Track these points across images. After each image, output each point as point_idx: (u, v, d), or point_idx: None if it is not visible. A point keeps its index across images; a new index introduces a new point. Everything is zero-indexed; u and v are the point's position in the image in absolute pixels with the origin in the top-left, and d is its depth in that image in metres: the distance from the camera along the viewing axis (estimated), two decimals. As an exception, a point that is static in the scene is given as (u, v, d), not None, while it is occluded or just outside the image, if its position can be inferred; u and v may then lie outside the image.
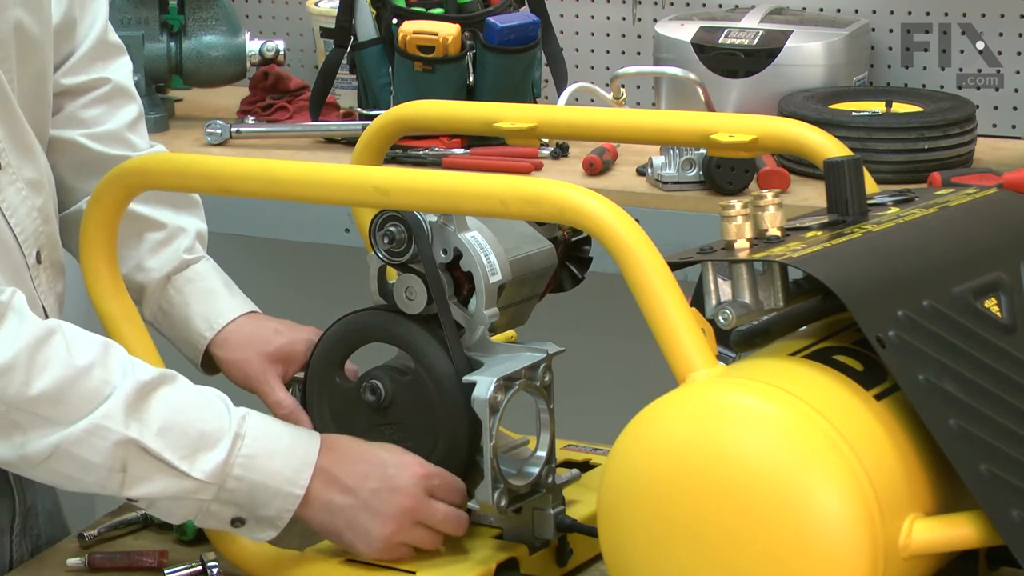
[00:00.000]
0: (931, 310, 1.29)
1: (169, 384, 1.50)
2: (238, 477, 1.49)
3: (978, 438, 1.24)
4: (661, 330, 1.28)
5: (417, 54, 2.75)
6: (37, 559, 1.67)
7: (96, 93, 1.76)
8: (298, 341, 1.67)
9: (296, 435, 1.53)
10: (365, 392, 1.56)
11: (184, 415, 1.49)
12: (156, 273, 1.73)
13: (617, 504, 1.26)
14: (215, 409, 1.51)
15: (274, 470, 1.50)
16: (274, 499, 1.50)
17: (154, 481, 1.48)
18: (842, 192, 1.41)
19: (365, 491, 1.51)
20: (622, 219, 1.31)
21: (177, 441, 1.48)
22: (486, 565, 1.51)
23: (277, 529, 1.52)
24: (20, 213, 1.61)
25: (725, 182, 2.50)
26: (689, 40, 2.85)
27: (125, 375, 1.48)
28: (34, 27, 1.62)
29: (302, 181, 1.49)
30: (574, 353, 1.65)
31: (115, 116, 1.76)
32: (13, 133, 1.60)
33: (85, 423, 1.46)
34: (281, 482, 1.50)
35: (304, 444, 1.52)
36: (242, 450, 1.49)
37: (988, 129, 2.89)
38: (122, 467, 1.47)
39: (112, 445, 1.46)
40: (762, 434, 1.21)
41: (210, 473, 1.48)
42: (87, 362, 1.47)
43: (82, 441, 1.46)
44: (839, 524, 1.18)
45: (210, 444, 1.48)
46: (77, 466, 1.47)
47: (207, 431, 1.49)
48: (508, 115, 1.72)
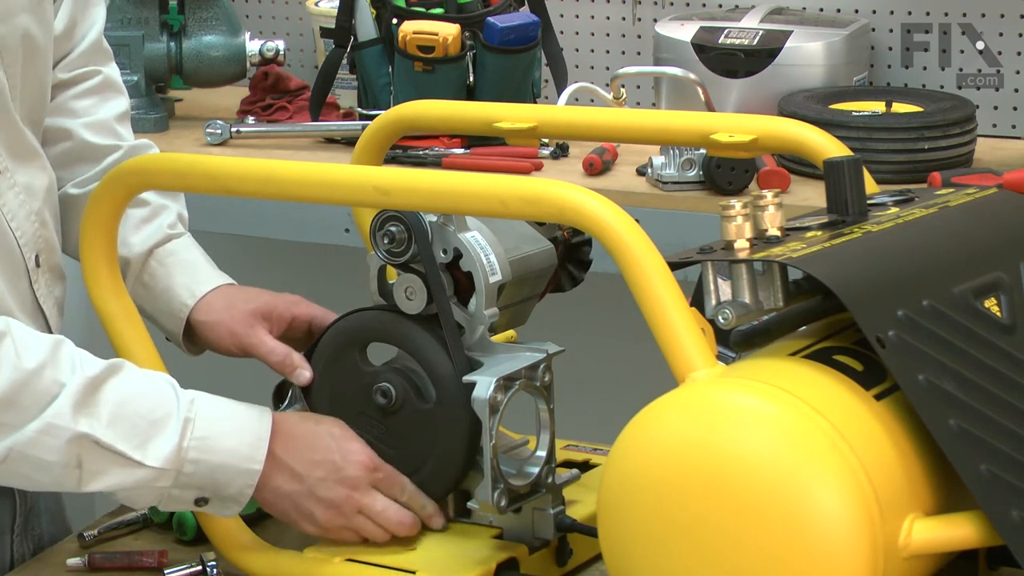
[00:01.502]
0: (931, 310, 1.29)
1: (116, 375, 1.51)
2: (194, 460, 1.50)
3: (978, 438, 1.24)
4: (661, 330, 1.28)
5: (417, 54, 2.75)
6: (37, 559, 1.67)
7: (87, 84, 1.78)
8: (280, 298, 1.69)
9: (247, 412, 1.55)
10: (376, 394, 1.56)
11: (132, 405, 1.50)
12: (139, 247, 1.73)
13: (617, 504, 1.26)
14: (164, 395, 1.52)
15: (230, 449, 1.51)
16: (235, 478, 1.51)
17: (110, 474, 1.49)
18: (842, 192, 1.41)
19: (312, 479, 1.54)
20: (622, 219, 1.31)
21: (128, 432, 1.49)
22: (486, 565, 1.51)
23: (240, 505, 1.54)
24: (19, 217, 1.61)
25: (725, 182, 2.50)
26: (689, 40, 2.85)
27: (74, 371, 1.49)
28: (39, 35, 1.64)
29: (302, 181, 1.49)
30: (574, 353, 1.65)
31: (105, 107, 1.78)
32: (11, 139, 1.61)
33: (36, 423, 1.46)
34: (239, 460, 1.52)
35: (256, 420, 1.54)
36: (195, 433, 1.50)
37: (988, 129, 2.89)
38: (77, 463, 1.48)
39: (65, 443, 1.47)
40: (762, 434, 1.21)
41: (164, 459, 1.49)
42: (37, 364, 1.48)
43: (35, 442, 1.47)
44: (839, 524, 1.18)
45: (160, 430, 1.49)
46: (33, 466, 1.48)
47: (156, 419, 1.50)
48: (508, 115, 1.72)
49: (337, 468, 1.54)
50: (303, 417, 1.58)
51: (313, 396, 1.61)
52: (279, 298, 1.70)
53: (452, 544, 1.55)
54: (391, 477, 1.56)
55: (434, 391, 1.54)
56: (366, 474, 1.55)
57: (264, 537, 1.59)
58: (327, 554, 1.55)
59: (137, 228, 1.74)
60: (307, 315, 1.69)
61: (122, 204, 1.57)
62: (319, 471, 1.54)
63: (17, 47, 1.60)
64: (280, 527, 1.69)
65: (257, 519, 1.68)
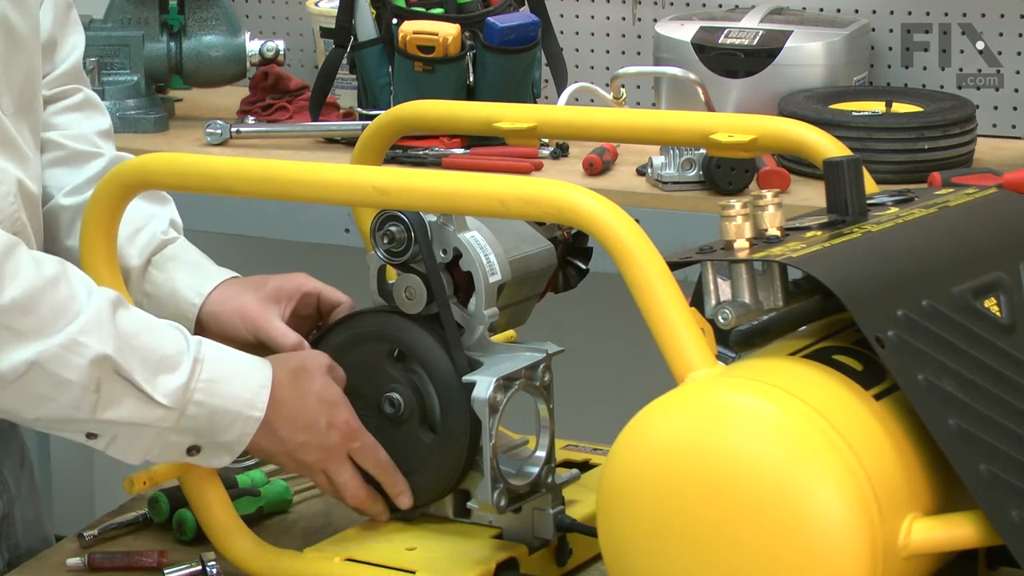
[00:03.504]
0: (931, 310, 1.29)
1: (126, 307, 1.51)
2: (198, 402, 1.49)
3: (978, 438, 1.24)
4: (660, 330, 1.28)
5: (417, 54, 2.75)
6: (37, 558, 1.67)
7: (69, 101, 1.77)
8: (286, 279, 1.69)
9: (251, 360, 1.55)
10: (384, 403, 1.56)
11: (144, 338, 1.49)
12: (136, 259, 1.72)
13: (616, 504, 1.26)
14: (172, 333, 1.51)
15: (234, 394, 1.51)
16: (234, 423, 1.51)
17: (123, 405, 1.47)
18: (842, 192, 1.41)
19: (294, 443, 1.55)
20: (622, 219, 1.31)
21: (141, 362, 1.47)
22: (486, 565, 1.51)
23: (233, 455, 1.54)
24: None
25: (725, 182, 2.50)
26: (689, 40, 2.85)
27: (91, 292, 1.48)
28: (20, 24, 1.62)
29: (302, 181, 1.49)
30: (574, 353, 1.65)
31: (87, 123, 1.78)
32: None
33: (62, 337, 1.44)
34: (241, 405, 1.51)
35: (259, 368, 1.54)
36: (202, 374, 1.50)
37: (988, 129, 2.89)
38: (96, 387, 1.45)
39: (88, 362, 1.44)
40: (761, 434, 1.21)
41: (171, 397, 1.48)
42: (53, 274, 1.47)
43: (59, 357, 1.44)
44: (838, 524, 1.18)
45: (171, 367, 1.49)
46: (52, 384, 1.44)
47: (167, 354, 1.49)
48: (508, 115, 1.72)
49: (319, 435, 1.55)
50: (296, 374, 1.56)
51: None
52: (285, 279, 1.69)
53: (452, 544, 1.55)
54: (367, 448, 1.57)
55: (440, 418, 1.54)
56: (344, 443, 1.56)
57: (264, 537, 1.59)
58: (327, 554, 1.55)
59: (131, 240, 1.72)
60: (315, 291, 1.68)
61: (122, 204, 1.57)
62: (301, 436, 1.55)
63: None
64: (280, 527, 1.69)
65: (257, 519, 1.68)
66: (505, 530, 1.56)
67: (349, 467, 1.57)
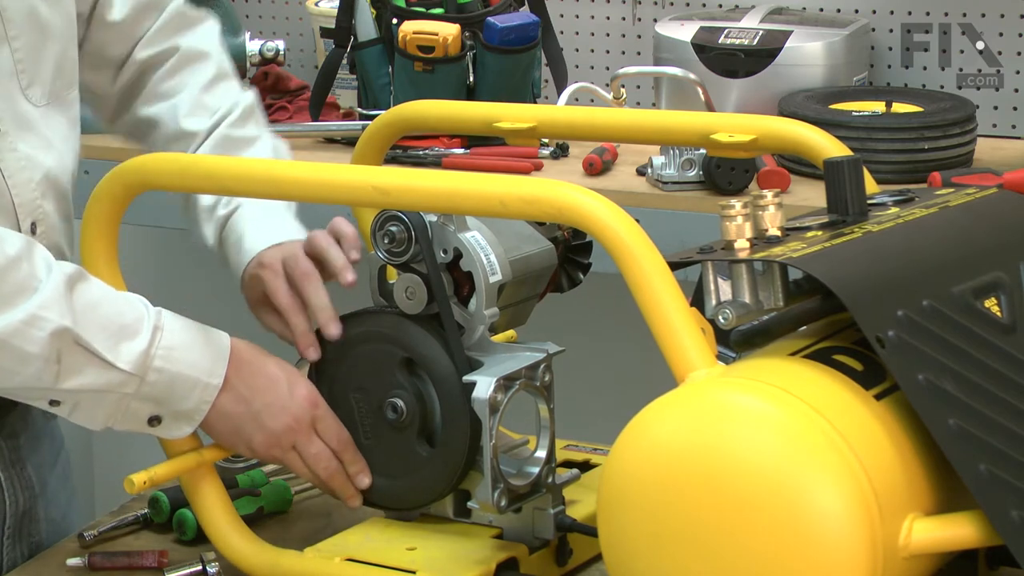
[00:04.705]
0: (931, 310, 1.29)
1: (86, 278, 1.54)
2: (158, 369, 1.52)
3: (978, 438, 1.24)
4: (661, 330, 1.28)
5: (417, 54, 2.75)
6: (38, 558, 1.67)
7: (167, 65, 1.82)
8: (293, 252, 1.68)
9: (208, 330, 1.57)
10: (387, 409, 1.56)
11: (104, 308, 1.52)
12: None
13: (617, 504, 1.26)
14: (132, 302, 1.54)
15: (192, 361, 1.53)
16: (193, 390, 1.53)
17: (85, 373, 1.50)
18: (842, 192, 1.41)
19: (258, 403, 1.56)
20: (622, 219, 1.31)
21: (101, 331, 1.51)
22: (486, 565, 1.51)
23: (193, 424, 1.55)
24: (18, 180, 1.62)
25: (725, 182, 2.50)
26: (689, 40, 2.85)
27: (50, 269, 1.51)
28: (52, 17, 1.65)
29: (302, 181, 1.49)
30: (574, 353, 1.65)
31: (188, 84, 1.82)
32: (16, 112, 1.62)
33: (22, 313, 1.48)
34: (200, 372, 1.54)
35: (217, 337, 1.57)
36: (162, 341, 1.52)
37: (988, 129, 2.89)
38: (57, 358, 1.49)
39: (48, 335, 1.48)
40: (762, 434, 1.21)
41: (133, 363, 1.51)
42: (16, 252, 1.50)
43: (20, 332, 1.47)
44: (838, 524, 1.18)
45: (131, 334, 1.52)
46: (14, 358, 1.48)
47: (127, 322, 1.52)
48: (508, 115, 1.72)
49: (283, 396, 1.56)
50: (252, 346, 1.59)
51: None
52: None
53: (452, 544, 1.55)
54: (330, 419, 1.58)
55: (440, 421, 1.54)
56: (309, 409, 1.57)
57: (264, 537, 1.59)
58: (327, 554, 1.55)
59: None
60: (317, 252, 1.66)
61: (122, 204, 1.57)
62: (266, 397, 1.56)
63: (23, 22, 1.62)
64: (280, 527, 1.69)
65: (257, 519, 1.68)
66: (505, 530, 1.56)
67: (318, 440, 1.58)
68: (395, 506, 1.60)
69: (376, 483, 1.59)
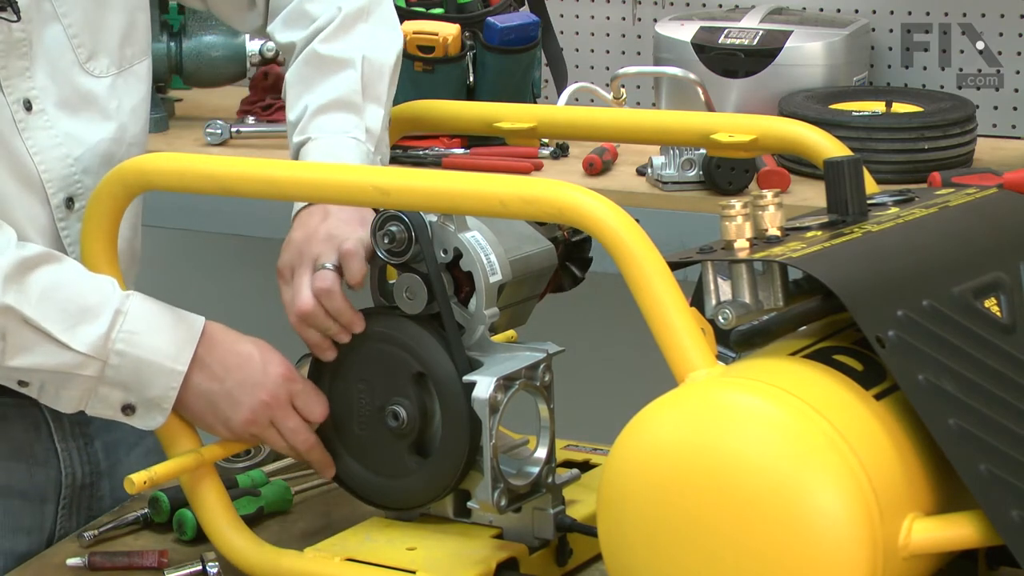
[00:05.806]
0: (931, 310, 1.29)
1: (54, 263, 1.54)
2: (120, 352, 1.52)
3: (978, 438, 1.24)
4: (661, 330, 1.28)
5: (417, 54, 2.75)
6: (38, 558, 1.67)
7: (283, 16, 1.77)
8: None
9: (179, 315, 1.57)
10: (388, 413, 1.56)
11: (66, 290, 1.53)
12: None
13: (617, 504, 1.26)
14: (99, 286, 1.55)
15: (155, 347, 1.53)
16: (157, 377, 1.53)
17: (34, 352, 1.51)
18: (842, 192, 1.41)
19: (231, 381, 1.56)
20: (622, 219, 1.31)
21: (58, 313, 1.51)
22: (486, 565, 1.51)
23: (164, 413, 1.55)
24: (49, 156, 1.62)
25: (725, 182, 2.50)
26: (689, 40, 2.85)
27: (5, 251, 1.52)
28: None
29: (302, 181, 1.49)
30: (574, 353, 1.65)
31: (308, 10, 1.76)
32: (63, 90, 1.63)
33: None
34: (163, 358, 1.54)
35: (187, 323, 1.56)
36: (124, 325, 1.53)
37: (988, 129, 2.89)
38: (1, 335, 1.50)
39: None
40: (762, 434, 1.21)
41: (91, 346, 1.51)
42: None
43: None
44: (838, 524, 1.18)
45: (91, 317, 1.52)
46: None
47: (88, 305, 1.52)
48: (508, 115, 1.72)
49: (257, 372, 1.56)
50: (228, 329, 1.59)
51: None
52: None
53: (452, 544, 1.55)
54: (309, 391, 1.57)
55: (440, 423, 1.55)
56: (285, 384, 1.56)
57: (264, 537, 1.59)
58: (327, 554, 1.55)
59: None
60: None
61: (122, 204, 1.57)
62: (240, 373, 1.56)
63: None
64: (280, 527, 1.69)
65: (257, 519, 1.68)
66: (505, 530, 1.56)
67: (296, 415, 1.57)
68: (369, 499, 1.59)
69: (358, 473, 1.59)
